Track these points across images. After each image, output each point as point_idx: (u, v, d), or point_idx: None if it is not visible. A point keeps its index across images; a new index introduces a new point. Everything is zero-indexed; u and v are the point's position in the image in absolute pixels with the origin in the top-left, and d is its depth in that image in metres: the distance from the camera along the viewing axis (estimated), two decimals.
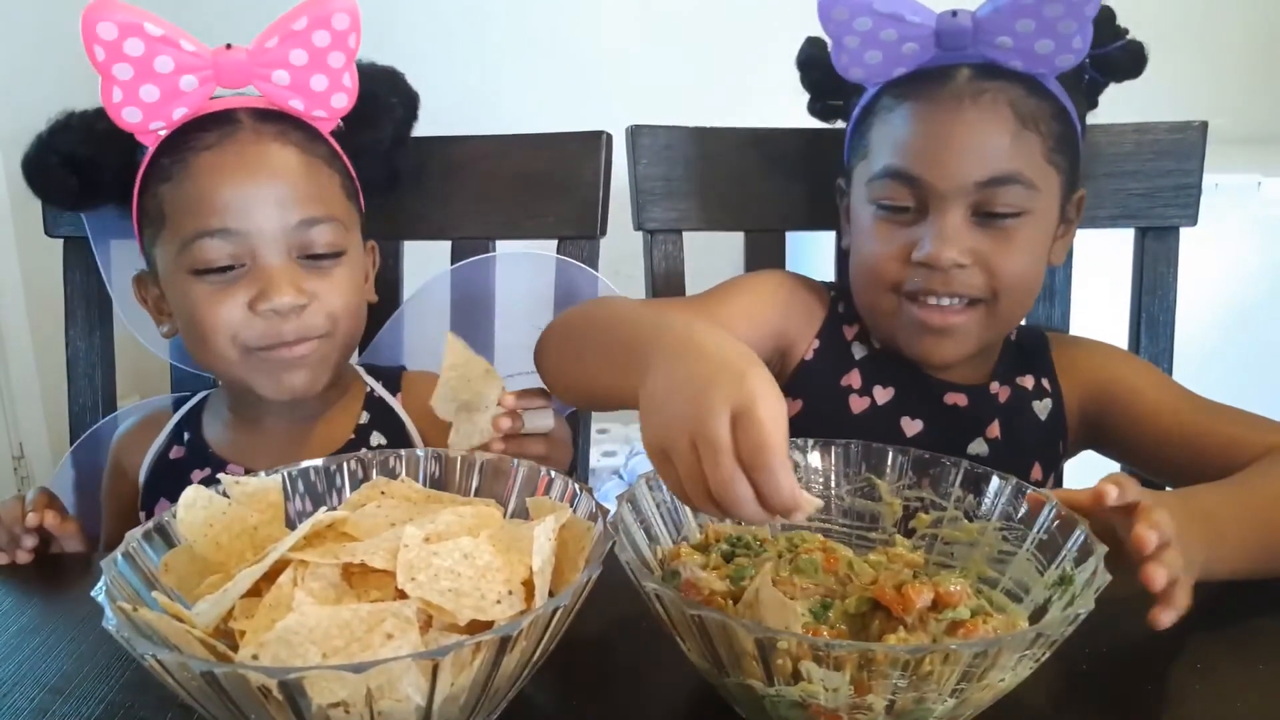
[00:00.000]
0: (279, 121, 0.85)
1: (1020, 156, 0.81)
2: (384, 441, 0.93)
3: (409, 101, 0.95)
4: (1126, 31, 0.87)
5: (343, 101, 0.86)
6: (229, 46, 0.82)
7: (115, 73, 0.79)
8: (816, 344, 0.93)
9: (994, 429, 0.90)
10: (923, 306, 0.84)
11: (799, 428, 0.68)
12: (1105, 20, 0.85)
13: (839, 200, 0.95)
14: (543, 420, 0.79)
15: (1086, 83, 0.89)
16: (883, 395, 0.91)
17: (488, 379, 0.78)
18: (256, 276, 0.82)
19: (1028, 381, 0.92)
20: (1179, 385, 0.90)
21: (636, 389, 0.58)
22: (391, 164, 0.96)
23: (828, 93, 0.96)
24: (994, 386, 0.91)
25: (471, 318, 1.05)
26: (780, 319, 0.93)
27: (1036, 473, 0.91)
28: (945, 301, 0.84)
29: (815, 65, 0.93)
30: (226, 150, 0.82)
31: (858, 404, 0.91)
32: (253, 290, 0.81)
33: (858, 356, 0.93)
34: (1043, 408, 0.91)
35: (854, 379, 0.92)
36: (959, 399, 0.90)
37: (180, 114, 0.82)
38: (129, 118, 0.81)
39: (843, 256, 0.98)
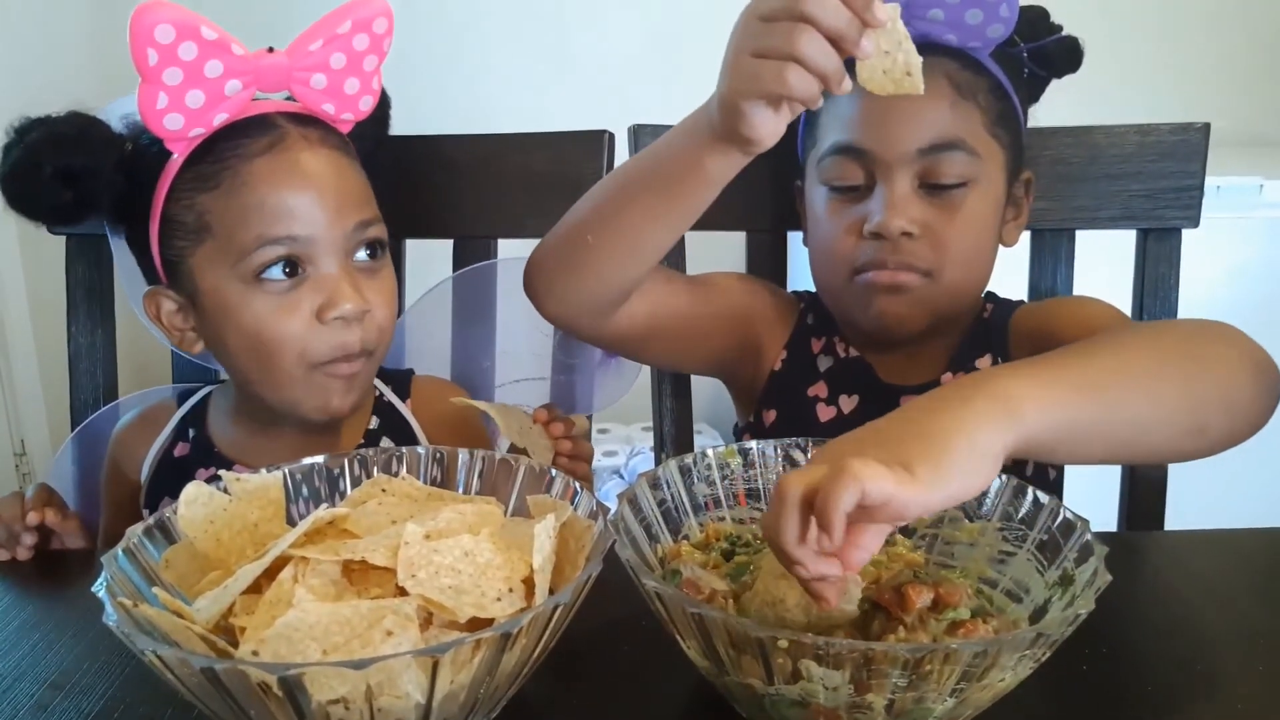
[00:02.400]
0: (314, 126, 0.83)
1: (960, 124, 0.84)
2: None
3: (386, 100, 0.93)
4: (1060, 27, 0.91)
5: (369, 104, 0.85)
6: (270, 50, 0.79)
7: (165, 78, 0.73)
8: (785, 355, 0.97)
9: None
10: (872, 272, 0.86)
11: (772, 437, 0.69)
12: (1039, 17, 0.90)
13: (799, 202, 0.96)
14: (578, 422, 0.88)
15: (1028, 76, 0.91)
16: (848, 404, 0.94)
17: (522, 419, 0.86)
18: (318, 284, 0.80)
19: (985, 362, 0.91)
20: (1117, 315, 0.86)
21: (718, 154, 0.70)
22: (373, 163, 0.93)
23: None
24: (945, 378, 0.91)
25: (474, 324, 1.05)
26: (755, 303, 0.97)
27: None
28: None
29: None
30: (279, 157, 0.79)
31: (825, 413, 0.94)
32: (316, 299, 0.80)
33: (822, 369, 0.96)
34: None
35: (820, 389, 0.95)
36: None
37: (220, 120, 0.78)
38: (170, 125, 0.75)
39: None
